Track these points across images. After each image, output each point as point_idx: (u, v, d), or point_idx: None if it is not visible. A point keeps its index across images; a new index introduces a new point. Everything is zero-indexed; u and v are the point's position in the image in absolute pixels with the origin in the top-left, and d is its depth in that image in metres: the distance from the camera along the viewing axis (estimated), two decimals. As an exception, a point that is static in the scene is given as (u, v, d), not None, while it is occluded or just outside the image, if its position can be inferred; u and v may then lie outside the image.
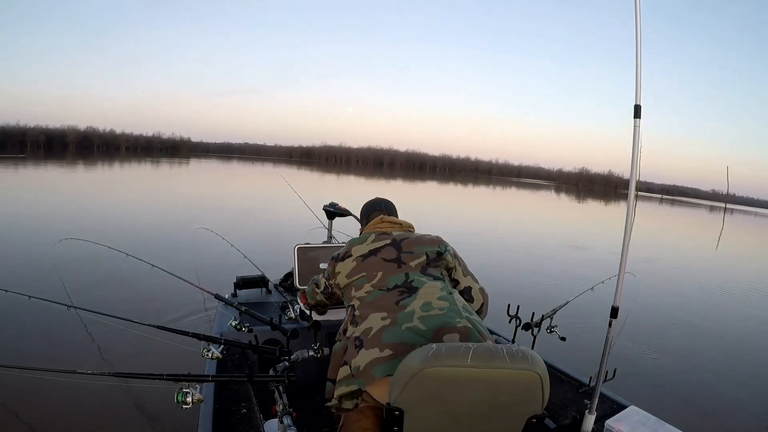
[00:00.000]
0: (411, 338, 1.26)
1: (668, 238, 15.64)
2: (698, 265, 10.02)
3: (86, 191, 14.48)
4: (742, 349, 4.42)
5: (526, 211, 21.44)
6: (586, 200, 39.86)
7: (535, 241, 10.86)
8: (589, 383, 1.84)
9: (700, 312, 5.74)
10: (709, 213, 44.78)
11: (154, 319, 1.93)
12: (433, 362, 1.05)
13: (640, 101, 1.47)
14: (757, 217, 51.78)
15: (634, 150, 1.52)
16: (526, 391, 1.09)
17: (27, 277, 4.77)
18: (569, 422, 1.74)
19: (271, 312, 2.32)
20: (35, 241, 6.37)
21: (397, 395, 1.10)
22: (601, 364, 1.69)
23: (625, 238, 1.61)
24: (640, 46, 1.44)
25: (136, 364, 2.95)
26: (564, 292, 2.68)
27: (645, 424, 1.66)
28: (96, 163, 32.31)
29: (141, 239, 7.15)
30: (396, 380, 1.11)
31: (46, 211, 9.42)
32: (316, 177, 34.59)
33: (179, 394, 1.24)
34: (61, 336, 3.36)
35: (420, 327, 1.28)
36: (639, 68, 1.46)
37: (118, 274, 4.74)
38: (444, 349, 1.07)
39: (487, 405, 1.11)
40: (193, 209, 11.22)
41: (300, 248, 2.50)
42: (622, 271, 1.62)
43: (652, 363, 3.80)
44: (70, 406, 2.55)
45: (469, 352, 1.06)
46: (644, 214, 26.39)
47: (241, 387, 1.69)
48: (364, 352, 1.29)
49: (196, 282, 2.27)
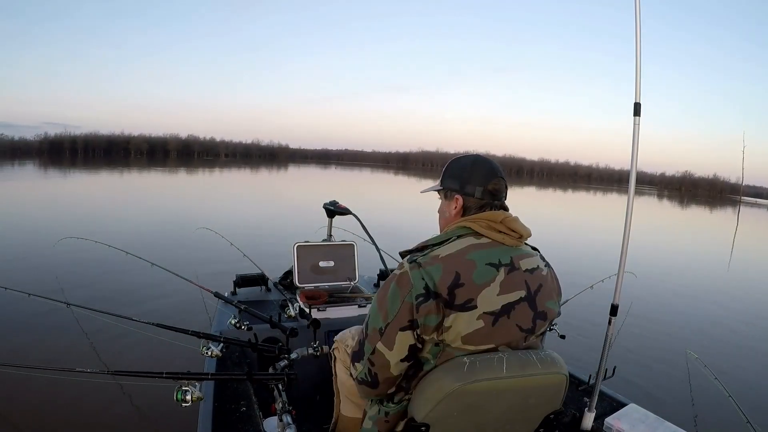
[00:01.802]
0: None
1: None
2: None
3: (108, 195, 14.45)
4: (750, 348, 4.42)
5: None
6: (689, 206, 38.64)
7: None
8: (588, 381, 1.84)
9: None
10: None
11: (154, 317, 1.92)
12: (470, 377, 0.98)
13: (640, 99, 1.47)
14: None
15: (633, 148, 1.52)
16: (554, 392, 1.10)
17: (28, 275, 4.79)
18: (569, 420, 1.74)
19: (270, 310, 2.32)
20: (37, 240, 6.40)
21: (427, 412, 1.02)
22: (600, 362, 1.69)
23: (624, 237, 1.62)
24: (640, 43, 1.44)
25: (135, 362, 2.95)
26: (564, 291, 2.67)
27: (644, 422, 1.66)
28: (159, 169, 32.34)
29: (142, 238, 7.17)
30: (426, 398, 1.03)
31: (47, 212, 9.41)
32: (413, 181, 34.30)
33: (179, 392, 1.24)
34: (60, 334, 3.36)
35: None
36: (638, 66, 1.45)
37: (118, 273, 4.75)
38: (478, 362, 1.00)
39: (516, 410, 1.09)
40: (199, 208, 11.21)
41: (299, 246, 2.50)
42: (622, 270, 1.63)
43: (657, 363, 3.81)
44: (69, 405, 2.55)
45: (503, 362, 1.01)
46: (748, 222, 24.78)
47: (241, 385, 1.69)
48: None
49: (195, 280, 2.27)
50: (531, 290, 1.08)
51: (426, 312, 1.00)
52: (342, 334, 1.59)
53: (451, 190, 1.18)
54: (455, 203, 1.17)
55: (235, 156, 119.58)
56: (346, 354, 1.50)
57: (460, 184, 1.17)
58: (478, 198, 1.15)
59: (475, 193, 1.15)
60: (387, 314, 1.03)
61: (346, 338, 1.55)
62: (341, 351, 1.55)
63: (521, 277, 1.08)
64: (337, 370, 1.59)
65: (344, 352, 1.52)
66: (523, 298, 1.07)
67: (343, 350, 1.54)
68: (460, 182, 1.17)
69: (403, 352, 1.03)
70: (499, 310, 1.03)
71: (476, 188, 1.15)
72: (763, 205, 56.40)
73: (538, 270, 1.12)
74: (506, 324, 1.04)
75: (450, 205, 1.19)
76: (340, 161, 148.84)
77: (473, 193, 1.15)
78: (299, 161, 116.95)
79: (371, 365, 1.05)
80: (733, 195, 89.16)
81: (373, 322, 1.06)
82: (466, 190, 1.16)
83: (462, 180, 1.17)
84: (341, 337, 1.58)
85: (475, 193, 1.15)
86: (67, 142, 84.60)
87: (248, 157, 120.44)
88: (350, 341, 1.51)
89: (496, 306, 1.03)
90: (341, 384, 1.58)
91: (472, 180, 1.16)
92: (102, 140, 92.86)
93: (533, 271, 1.11)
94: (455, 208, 1.17)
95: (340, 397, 1.60)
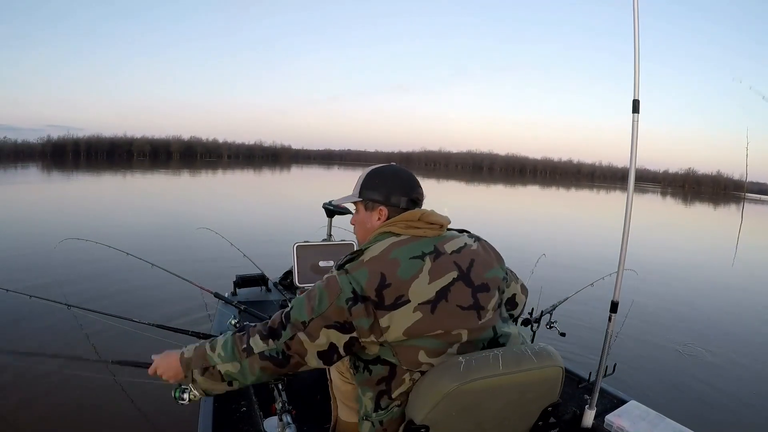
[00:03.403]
0: None
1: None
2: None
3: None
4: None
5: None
6: (693, 203, 38.34)
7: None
8: (589, 378, 1.84)
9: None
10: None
11: (154, 318, 1.92)
12: (466, 377, 0.99)
13: (639, 96, 1.47)
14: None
15: (632, 145, 1.52)
16: (550, 385, 1.11)
17: (28, 276, 4.81)
18: (570, 417, 1.74)
19: (270, 310, 2.32)
20: (38, 242, 6.43)
21: (426, 414, 1.03)
22: (600, 359, 1.69)
23: (624, 233, 1.61)
24: (638, 41, 1.43)
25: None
26: (563, 289, 2.66)
27: (645, 419, 1.66)
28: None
29: (142, 239, 7.20)
30: (424, 400, 1.04)
31: (48, 214, 9.45)
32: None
33: (177, 390, 1.24)
34: (60, 335, 3.37)
35: None
36: (637, 63, 1.45)
37: (119, 274, 4.77)
38: (474, 361, 1.01)
39: (514, 405, 1.10)
40: (200, 209, 11.24)
41: (299, 246, 2.50)
42: (621, 267, 1.63)
43: (655, 358, 3.81)
44: (67, 401, 2.57)
45: (498, 359, 1.02)
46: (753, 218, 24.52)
47: None
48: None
49: (195, 281, 2.27)
50: (462, 268, 1.11)
51: (357, 315, 1.03)
52: None
53: (374, 201, 1.22)
54: (378, 214, 1.21)
55: (238, 157, 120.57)
56: (341, 362, 1.44)
57: (384, 195, 1.21)
58: (402, 208, 1.20)
59: (400, 203, 1.20)
60: (313, 310, 1.06)
61: None
62: None
63: (449, 259, 1.11)
64: (332, 375, 1.58)
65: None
66: (456, 278, 1.10)
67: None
68: (384, 194, 1.21)
69: (322, 347, 1.06)
70: (434, 297, 1.06)
71: (401, 199, 1.20)
72: (767, 202, 56.27)
73: (466, 247, 1.16)
74: (446, 308, 1.06)
75: (372, 216, 1.23)
76: (343, 161, 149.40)
77: (398, 203, 1.20)
78: (302, 162, 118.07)
79: (287, 348, 1.07)
80: (737, 192, 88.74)
81: (297, 314, 1.08)
82: (391, 201, 1.20)
83: (386, 191, 1.21)
84: None
85: (400, 203, 1.20)
86: (69, 145, 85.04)
87: (251, 158, 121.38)
88: None
89: (431, 294, 1.06)
90: (337, 389, 1.57)
91: (395, 191, 1.21)
92: (105, 142, 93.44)
93: (461, 250, 1.14)
94: (378, 219, 1.21)
95: (336, 402, 1.59)
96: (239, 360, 1.10)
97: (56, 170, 30.51)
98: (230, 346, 1.12)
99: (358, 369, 1.16)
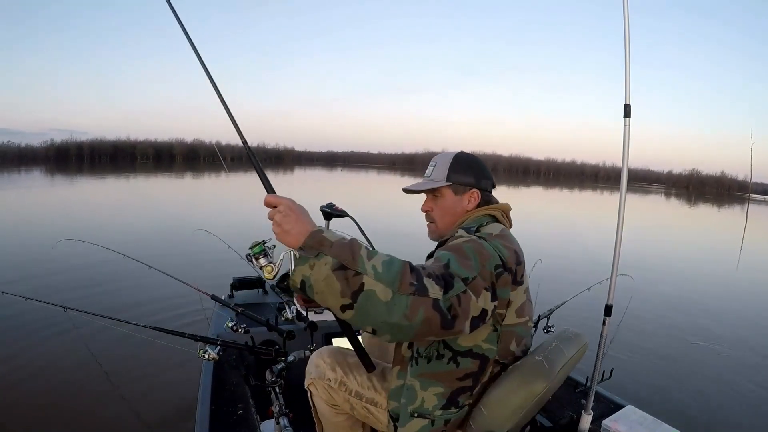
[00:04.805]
0: None
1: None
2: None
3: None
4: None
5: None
6: (697, 204, 38.03)
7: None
8: (585, 383, 1.83)
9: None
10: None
11: (151, 320, 1.93)
12: (553, 372, 1.06)
13: (630, 100, 1.47)
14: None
15: (624, 150, 1.52)
16: (578, 358, 1.21)
17: (25, 278, 4.81)
18: (566, 422, 1.73)
19: (267, 313, 2.32)
20: (34, 243, 6.46)
21: (515, 421, 1.08)
22: (595, 364, 1.68)
23: (617, 237, 1.61)
24: (629, 46, 1.44)
25: (133, 366, 2.96)
26: (561, 293, 2.66)
27: (642, 424, 1.65)
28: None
29: (140, 240, 7.20)
30: (512, 409, 1.06)
31: (46, 216, 9.48)
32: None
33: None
34: (57, 338, 3.36)
35: None
36: (628, 67, 1.46)
37: (116, 276, 4.76)
38: (547, 355, 1.09)
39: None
40: (198, 211, 11.25)
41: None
42: (615, 270, 1.63)
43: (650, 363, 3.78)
44: (67, 403, 2.57)
45: (560, 348, 1.14)
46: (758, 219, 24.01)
47: (238, 388, 1.69)
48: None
49: (193, 283, 2.27)
50: (520, 257, 1.15)
51: (503, 283, 0.99)
52: (317, 369, 1.38)
53: (466, 185, 1.19)
54: (470, 197, 1.20)
55: (241, 160, 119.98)
56: (325, 390, 1.36)
57: (476, 179, 1.20)
58: (488, 192, 1.23)
59: (488, 187, 1.22)
60: (471, 267, 0.92)
61: (323, 371, 1.37)
62: (320, 389, 1.38)
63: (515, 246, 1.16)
64: (315, 403, 1.44)
65: (324, 389, 1.37)
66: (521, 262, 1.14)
67: (322, 388, 1.37)
68: (476, 177, 1.20)
69: (478, 310, 0.91)
70: (528, 284, 1.13)
71: (489, 183, 1.23)
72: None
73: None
74: (529, 297, 1.13)
75: (462, 200, 1.20)
76: (346, 163, 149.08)
77: (487, 187, 1.22)
78: (305, 164, 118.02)
79: (458, 303, 0.86)
80: (742, 192, 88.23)
81: (457, 268, 0.90)
82: (481, 185, 1.20)
83: (476, 175, 1.20)
84: (318, 373, 1.38)
85: (488, 187, 1.22)
86: (73, 149, 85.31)
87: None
88: (330, 373, 1.36)
89: (528, 281, 1.13)
90: (322, 416, 1.45)
91: (483, 175, 1.22)
92: (108, 146, 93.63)
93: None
94: (469, 202, 1.20)
95: (322, 428, 1.48)
96: (398, 290, 0.81)
97: (59, 174, 30.64)
98: (396, 269, 0.83)
99: (440, 359, 1.05)
